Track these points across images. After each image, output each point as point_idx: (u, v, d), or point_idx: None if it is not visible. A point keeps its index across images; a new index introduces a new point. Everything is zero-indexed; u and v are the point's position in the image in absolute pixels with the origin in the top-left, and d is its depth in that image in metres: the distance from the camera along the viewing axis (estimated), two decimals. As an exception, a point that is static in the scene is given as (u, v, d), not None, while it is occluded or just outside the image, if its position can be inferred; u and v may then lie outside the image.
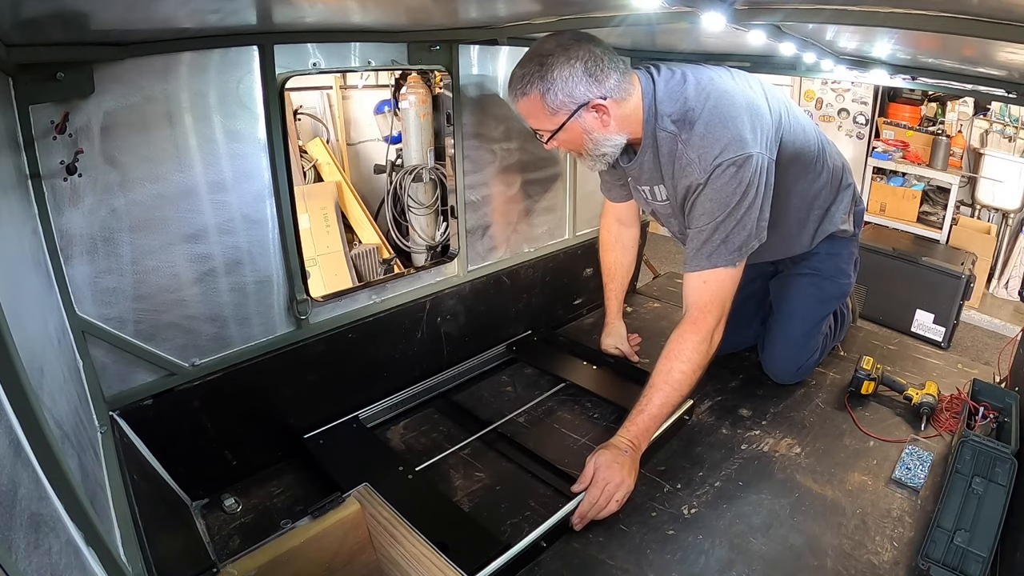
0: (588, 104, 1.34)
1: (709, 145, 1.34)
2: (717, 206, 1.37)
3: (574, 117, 1.35)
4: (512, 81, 1.37)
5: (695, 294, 1.44)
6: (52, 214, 1.07)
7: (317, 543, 1.11)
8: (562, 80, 1.30)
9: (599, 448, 1.38)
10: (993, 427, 1.50)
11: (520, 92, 1.35)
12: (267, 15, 1.13)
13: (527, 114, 1.40)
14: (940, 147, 4.10)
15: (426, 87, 3.59)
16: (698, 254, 1.42)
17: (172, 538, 1.16)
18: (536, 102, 1.34)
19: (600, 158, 1.46)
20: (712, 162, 1.34)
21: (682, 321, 1.45)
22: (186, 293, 1.30)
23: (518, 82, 1.35)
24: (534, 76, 1.32)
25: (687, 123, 1.37)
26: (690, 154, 1.37)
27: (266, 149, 1.35)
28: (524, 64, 1.34)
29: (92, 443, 0.98)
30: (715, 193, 1.37)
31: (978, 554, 1.18)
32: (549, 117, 1.36)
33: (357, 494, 1.21)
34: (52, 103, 1.03)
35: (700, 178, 1.36)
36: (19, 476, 0.50)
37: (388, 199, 3.80)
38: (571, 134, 1.39)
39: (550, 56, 1.30)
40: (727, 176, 1.34)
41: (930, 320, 3.58)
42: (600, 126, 1.39)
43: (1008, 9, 0.73)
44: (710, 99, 1.36)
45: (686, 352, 1.41)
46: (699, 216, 1.40)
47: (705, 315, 1.42)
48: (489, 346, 2.01)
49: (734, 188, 1.35)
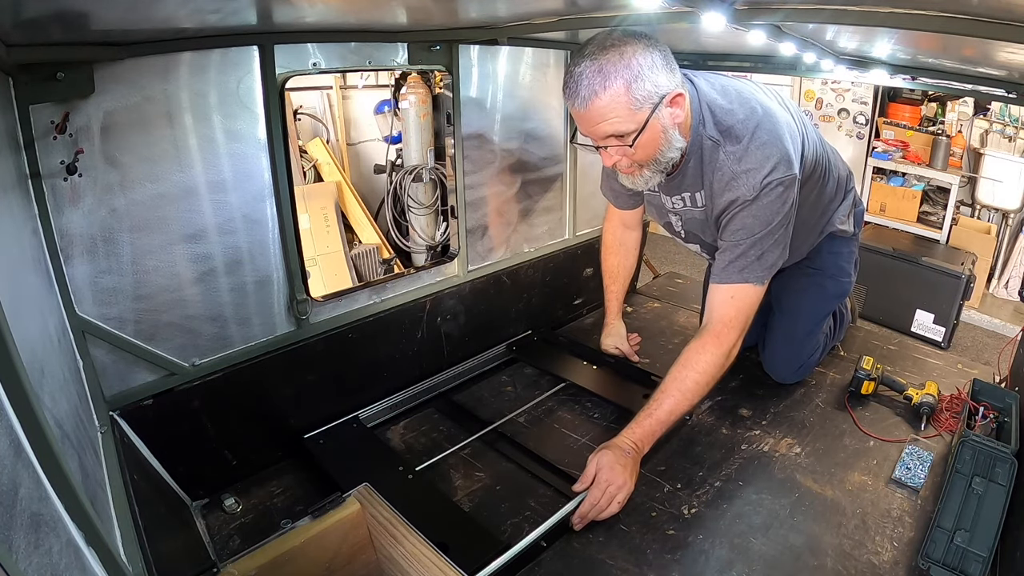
0: (669, 95, 1.22)
1: (760, 162, 1.30)
2: (759, 223, 1.35)
3: (656, 112, 1.22)
4: (579, 78, 1.18)
5: (721, 308, 1.41)
6: (52, 214, 1.08)
7: (317, 543, 1.11)
8: (648, 67, 1.17)
9: (601, 448, 1.37)
10: (993, 427, 1.50)
11: (599, 86, 1.16)
12: (267, 15, 1.13)
13: (605, 113, 1.20)
14: (940, 147, 4.10)
15: (426, 87, 3.58)
16: (730, 267, 1.39)
17: (172, 538, 1.16)
18: (619, 96, 1.17)
19: (666, 165, 1.35)
20: (763, 180, 1.31)
21: (703, 332, 1.41)
22: (186, 293, 1.30)
23: (594, 76, 1.16)
24: (615, 65, 1.16)
25: (733, 135, 1.32)
26: (736, 167, 1.32)
27: (266, 149, 1.35)
28: (594, 56, 1.17)
29: (92, 443, 0.98)
30: (760, 211, 1.33)
31: (978, 554, 1.18)
32: (632, 114, 1.20)
33: (357, 494, 1.21)
34: (52, 103, 1.03)
35: (748, 194, 1.32)
36: (20, 476, 0.50)
37: (388, 199, 3.79)
38: (652, 134, 1.25)
39: (623, 44, 1.17)
40: (774, 195, 1.32)
41: (930, 320, 3.58)
42: (674, 123, 1.27)
43: (1008, 9, 0.73)
44: (756, 113, 1.33)
45: (703, 363, 1.38)
46: (737, 230, 1.38)
47: (729, 330, 1.39)
48: (489, 346, 2.01)
49: (778, 207, 1.33)
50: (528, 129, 1.97)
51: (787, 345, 1.83)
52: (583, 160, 2.16)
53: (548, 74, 1.97)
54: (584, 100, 1.19)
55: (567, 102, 1.24)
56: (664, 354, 2.08)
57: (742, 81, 1.44)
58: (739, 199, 1.34)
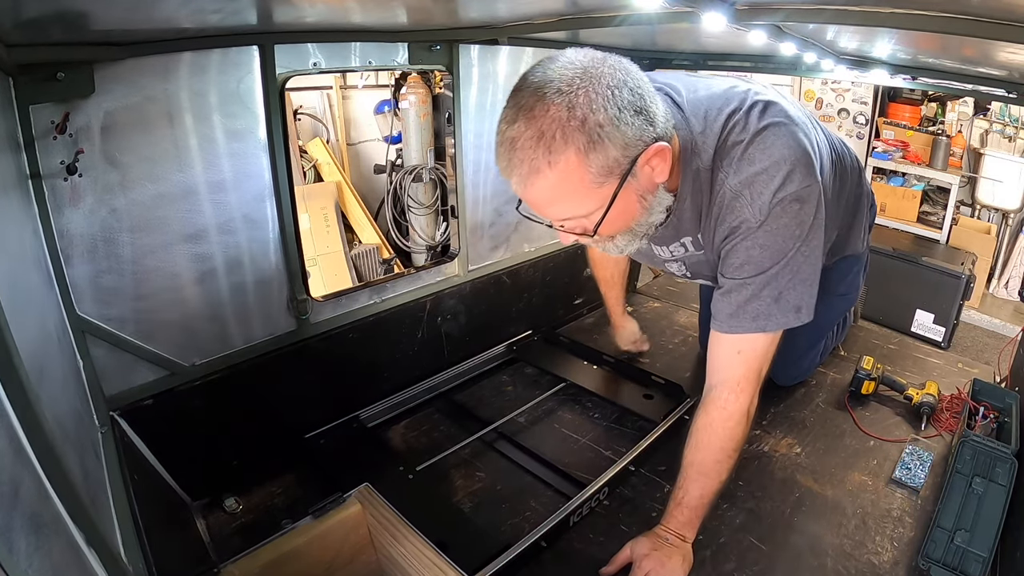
0: (646, 153, 0.90)
1: (765, 172, 0.99)
2: (770, 254, 1.03)
3: (629, 179, 0.90)
4: (512, 147, 0.85)
5: (726, 368, 1.13)
6: (52, 214, 1.07)
7: (318, 543, 1.11)
8: (611, 120, 0.84)
9: (639, 536, 1.19)
10: (993, 427, 1.50)
11: (542, 162, 0.84)
12: (267, 15, 1.13)
13: (553, 195, 0.89)
14: (940, 147, 4.10)
15: (426, 87, 3.58)
16: (740, 314, 1.07)
17: (173, 538, 1.16)
18: (572, 172, 0.85)
19: (647, 233, 1.06)
20: (772, 197, 0.99)
21: (708, 402, 1.14)
22: (186, 293, 1.30)
23: (532, 145, 0.83)
24: (563, 127, 0.82)
25: (728, 145, 1.02)
26: (735, 182, 1.01)
27: (266, 149, 1.35)
28: (531, 111, 0.83)
29: (93, 443, 0.98)
30: (770, 238, 1.02)
31: (978, 554, 1.18)
32: (593, 191, 0.88)
33: (358, 494, 1.21)
34: (52, 103, 1.03)
35: (753, 218, 1.01)
36: (20, 476, 0.50)
37: (388, 199, 3.80)
38: (623, 207, 0.94)
39: (572, 88, 0.83)
40: (789, 215, 1.00)
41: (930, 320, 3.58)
42: (652, 184, 0.96)
43: (1008, 9, 0.73)
44: (756, 108, 1.03)
45: (718, 441, 1.12)
46: (740, 265, 1.06)
47: (739, 395, 1.11)
48: (489, 346, 2.01)
49: (794, 231, 1.01)
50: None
51: (790, 355, 1.78)
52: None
53: (548, 74, 1.97)
54: (522, 180, 0.87)
55: (504, 175, 0.90)
56: (664, 354, 2.08)
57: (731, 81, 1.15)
58: (741, 224, 1.03)
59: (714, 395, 1.14)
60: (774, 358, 1.36)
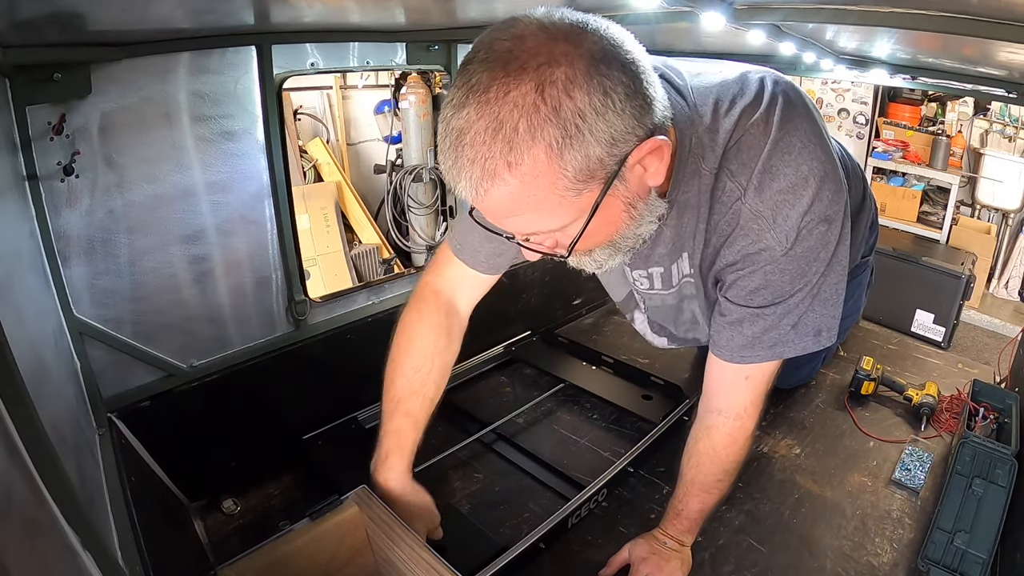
0: (640, 150, 0.70)
1: (792, 190, 0.82)
2: (791, 279, 0.88)
3: (615, 183, 0.70)
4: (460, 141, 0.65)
5: (731, 395, 1.01)
6: (49, 215, 1.07)
7: (315, 545, 1.11)
8: (597, 110, 0.64)
9: (637, 538, 1.16)
10: (993, 428, 1.50)
11: (500, 163, 0.64)
12: (264, 15, 1.13)
13: (513, 205, 0.68)
14: (940, 147, 4.11)
15: (426, 87, 3.58)
16: (755, 344, 0.93)
17: (170, 540, 1.16)
18: (543, 176, 0.65)
19: (632, 247, 0.86)
20: (799, 221, 0.83)
21: (710, 427, 1.04)
22: (184, 294, 1.30)
23: (485, 139, 0.63)
24: (530, 114, 0.62)
25: (743, 148, 0.83)
26: (754, 203, 0.83)
27: (264, 150, 1.35)
28: (487, 90, 0.62)
29: (90, 445, 0.98)
30: (792, 263, 0.86)
31: (978, 555, 1.18)
32: (570, 199, 0.69)
33: (355, 496, 1.20)
34: (49, 104, 1.03)
35: (779, 245, 0.85)
36: (15, 479, 0.50)
37: (388, 199, 3.79)
38: (606, 217, 0.75)
39: (544, 64, 0.62)
40: (815, 237, 0.85)
41: (930, 320, 3.58)
42: (644, 188, 0.77)
43: (1008, 9, 0.73)
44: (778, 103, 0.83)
45: (721, 463, 1.05)
46: (755, 291, 0.90)
47: (745, 420, 1.02)
48: (488, 346, 2.00)
49: (819, 253, 0.86)
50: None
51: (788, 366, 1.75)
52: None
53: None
54: (472, 185, 0.66)
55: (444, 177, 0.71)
56: (663, 355, 2.07)
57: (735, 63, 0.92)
58: (763, 253, 0.86)
59: (718, 421, 1.03)
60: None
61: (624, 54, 0.67)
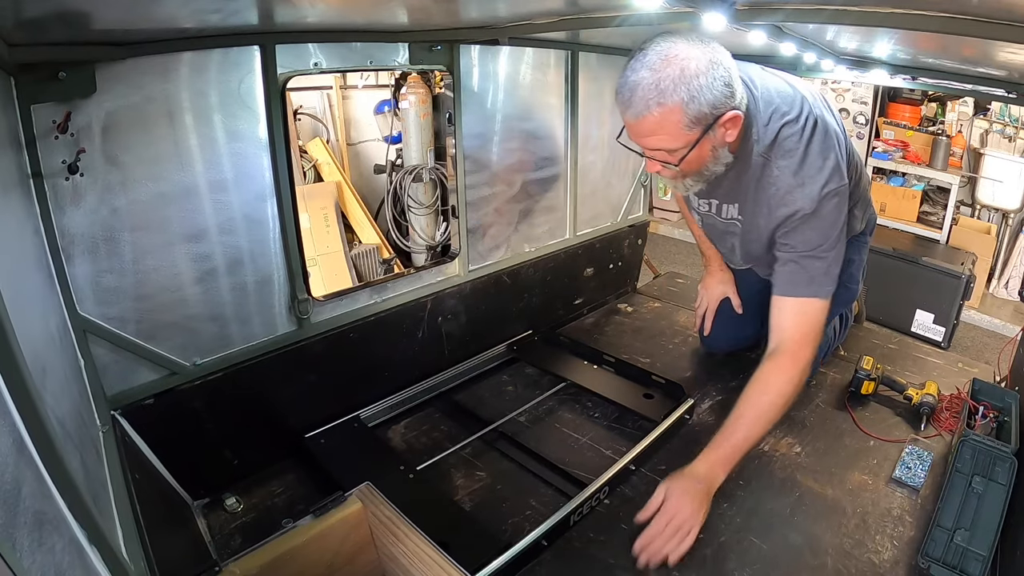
0: (724, 118, 1.19)
1: (816, 174, 1.29)
2: (820, 235, 1.33)
3: (708, 133, 1.19)
4: (635, 88, 1.14)
5: (793, 325, 1.37)
6: (54, 213, 1.08)
7: (319, 542, 1.12)
8: (707, 87, 1.13)
9: (673, 474, 1.29)
10: (993, 426, 1.50)
11: (654, 103, 1.13)
12: (268, 15, 1.13)
13: (655, 130, 1.17)
14: (940, 147, 4.11)
15: (426, 87, 3.58)
16: (797, 280, 1.37)
17: (174, 537, 1.16)
18: (672, 116, 1.14)
19: (709, 177, 1.34)
20: (820, 192, 1.29)
21: (777, 352, 1.36)
22: (187, 292, 1.30)
23: (649, 89, 1.12)
24: (675, 83, 1.11)
25: (785, 148, 1.30)
26: (792, 181, 1.30)
27: (267, 149, 1.35)
28: (654, 67, 1.12)
29: (94, 442, 0.98)
30: (820, 223, 1.32)
31: (978, 553, 1.18)
32: (683, 133, 1.17)
33: (358, 493, 1.21)
34: (54, 102, 1.03)
35: (808, 207, 1.30)
36: (23, 475, 0.51)
37: (388, 199, 3.79)
38: (699, 153, 1.23)
39: (687, 59, 1.12)
40: (831, 206, 1.31)
41: (930, 320, 3.58)
42: (724, 142, 1.25)
43: (1008, 9, 0.74)
44: (810, 122, 1.30)
45: (780, 385, 1.33)
46: (800, 243, 1.35)
47: (803, 348, 1.35)
48: (490, 346, 2.01)
49: (835, 218, 1.33)
50: (529, 129, 1.97)
51: None
52: (583, 160, 2.16)
53: (549, 74, 1.97)
54: (636, 114, 1.16)
55: (618, 106, 1.20)
56: (664, 354, 2.08)
57: (791, 80, 1.39)
58: (798, 212, 1.32)
59: (785, 348, 1.36)
60: None
61: (725, 62, 1.17)
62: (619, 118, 1.24)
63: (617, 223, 2.42)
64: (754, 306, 1.95)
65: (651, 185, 2.46)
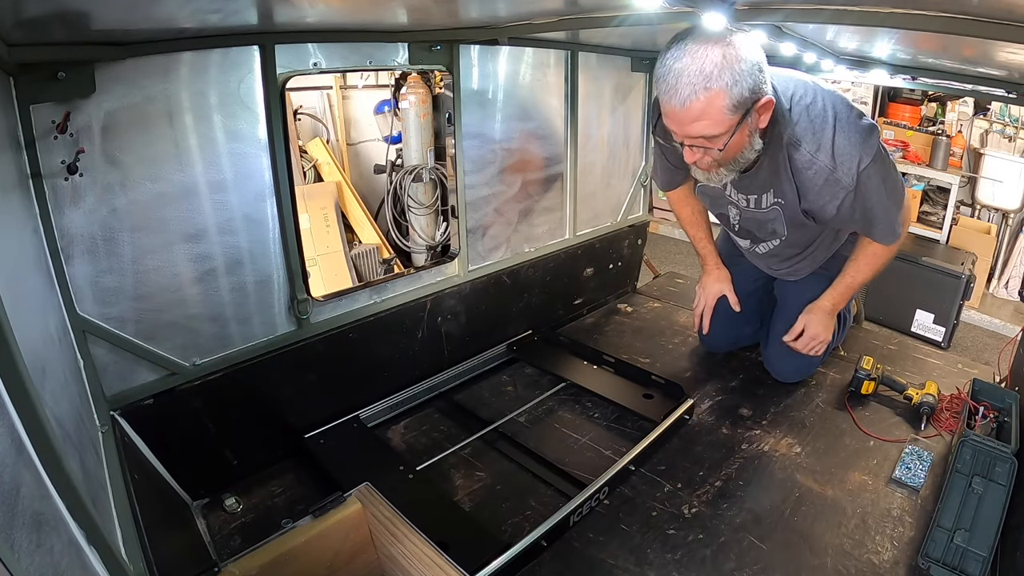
0: (760, 102, 1.22)
1: (848, 152, 1.34)
2: (882, 197, 1.44)
3: (746, 118, 1.23)
4: (680, 75, 1.15)
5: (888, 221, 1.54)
6: (53, 213, 1.08)
7: (318, 542, 1.11)
8: (748, 72, 1.16)
9: (811, 307, 1.70)
10: (993, 427, 1.50)
11: (701, 89, 1.15)
12: (268, 15, 1.13)
13: (700, 116, 1.19)
14: (940, 147, 4.10)
15: (426, 87, 3.58)
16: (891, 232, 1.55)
17: (173, 537, 1.16)
18: (719, 98, 1.16)
19: (742, 165, 1.38)
20: (857, 170, 1.35)
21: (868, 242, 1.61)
22: (187, 292, 1.30)
23: (695, 76, 1.14)
24: (719, 68, 1.13)
25: (812, 133, 1.34)
26: (827, 161, 1.35)
27: (267, 149, 1.35)
28: (697, 53, 1.13)
29: (93, 442, 0.98)
30: (872, 192, 1.41)
31: (978, 553, 1.18)
32: (726, 118, 1.20)
33: (358, 493, 1.21)
34: (53, 103, 1.03)
35: (849, 183, 1.37)
36: (21, 475, 0.51)
37: (388, 199, 3.79)
38: (738, 138, 1.26)
39: (727, 44, 1.14)
40: (873, 176, 1.38)
41: (930, 320, 3.58)
42: (757, 127, 1.28)
43: (1008, 9, 0.74)
44: (829, 106, 1.34)
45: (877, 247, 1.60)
46: (872, 210, 1.46)
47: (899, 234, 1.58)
48: (490, 346, 2.01)
49: (878, 184, 1.41)
50: (529, 129, 1.97)
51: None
52: (583, 160, 2.16)
53: (548, 74, 1.97)
54: (683, 100, 1.17)
55: (661, 96, 1.21)
56: (664, 354, 2.08)
57: (795, 72, 1.45)
58: (845, 195, 1.40)
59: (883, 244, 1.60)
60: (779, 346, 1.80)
61: (758, 51, 1.20)
62: (619, 118, 1.25)
63: (617, 223, 2.42)
64: (752, 305, 1.95)
65: (651, 185, 2.46)
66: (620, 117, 2.25)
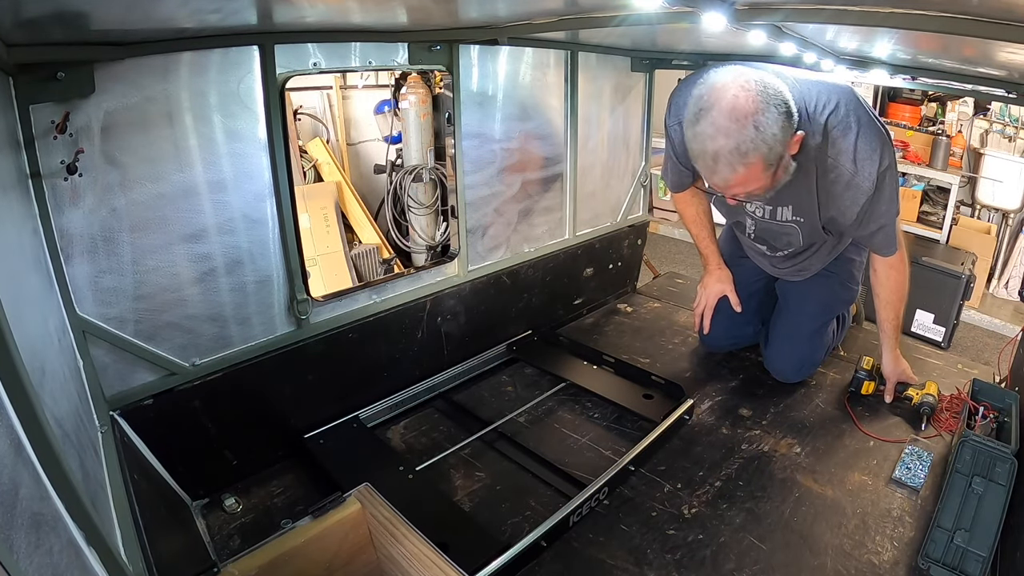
0: (791, 141, 1.30)
1: (869, 157, 1.38)
2: (890, 204, 1.48)
3: (782, 160, 1.31)
4: (717, 158, 1.25)
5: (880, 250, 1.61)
6: (52, 214, 1.07)
7: (318, 543, 1.11)
8: (779, 129, 1.23)
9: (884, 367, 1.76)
10: (993, 427, 1.50)
11: (739, 164, 1.24)
12: (267, 15, 1.13)
13: (744, 181, 1.29)
14: (940, 147, 4.10)
15: (426, 87, 3.58)
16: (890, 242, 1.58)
17: (172, 538, 1.16)
18: (757, 166, 1.26)
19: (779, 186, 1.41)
20: (878, 171, 1.39)
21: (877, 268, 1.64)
22: (186, 293, 1.30)
23: (732, 156, 1.23)
24: (753, 142, 1.22)
25: (833, 135, 1.38)
26: (850, 167, 1.39)
27: (266, 149, 1.35)
28: (729, 132, 1.22)
29: (93, 443, 0.98)
30: (885, 196, 1.45)
31: (978, 554, 1.18)
32: (766, 174, 1.29)
33: (358, 494, 1.21)
34: (53, 103, 1.03)
35: (869, 187, 1.41)
36: (20, 476, 0.50)
37: (388, 199, 3.79)
38: (778, 175, 1.34)
39: (756, 112, 1.21)
40: (890, 178, 1.44)
41: (930, 320, 3.58)
42: (790, 160, 1.35)
43: (1008, 9, 0.73)
44: (849, 105, 1.38)
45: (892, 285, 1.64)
46: (879, 216, 1.49)
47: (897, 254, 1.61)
48: (489, 346, 2.01)
49: (894, 187, 1.47)
50: (528, 129, 1.97)
51: (792, 343, 1.83)
52: (583, 160, 2.16)
53: (548, 74, 1.97)
54: (724, 179, 1.29)
55: (699, 169, 1.34)
56: (664, 354, 2.08)
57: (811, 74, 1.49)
58: (865, 198, 1.43)
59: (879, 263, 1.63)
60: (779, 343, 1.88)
61: (782, 94, 1.26)
62: (618, 118, 1.27)
63: (617, 223, 2.42)
64: (753, 305, 1.95)
65: (651, 185, 2.46)
66: (620, 117, 2.25)
